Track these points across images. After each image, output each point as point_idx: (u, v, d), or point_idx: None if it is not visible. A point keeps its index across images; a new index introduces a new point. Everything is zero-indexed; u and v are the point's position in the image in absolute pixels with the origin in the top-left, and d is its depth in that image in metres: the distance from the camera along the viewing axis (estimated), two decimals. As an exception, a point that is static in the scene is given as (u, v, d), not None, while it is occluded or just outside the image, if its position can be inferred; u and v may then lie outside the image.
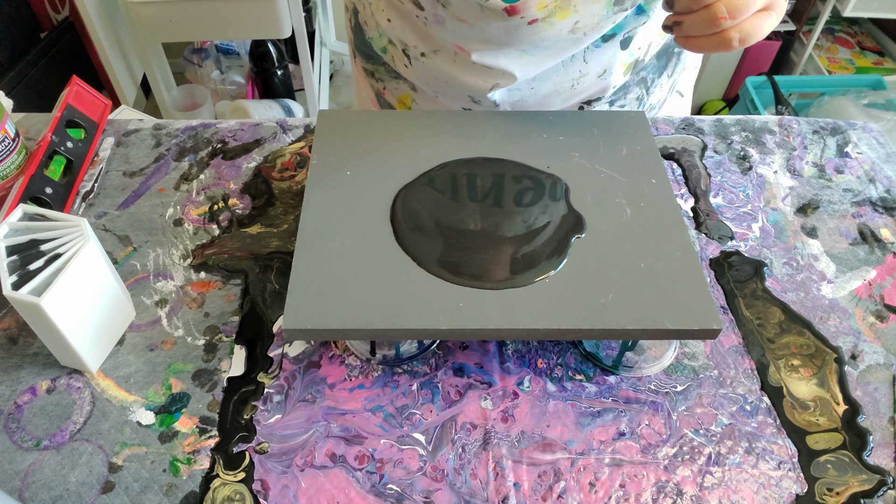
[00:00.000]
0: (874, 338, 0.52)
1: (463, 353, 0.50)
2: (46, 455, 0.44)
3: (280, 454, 0.45)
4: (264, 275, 0.55)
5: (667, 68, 0.68)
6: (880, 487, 0.44)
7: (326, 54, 2.01)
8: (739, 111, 1.75)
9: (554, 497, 0.43)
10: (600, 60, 0.61)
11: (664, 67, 0.68)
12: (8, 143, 0.58)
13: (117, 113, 1.43)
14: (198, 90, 1.70)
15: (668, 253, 0.46)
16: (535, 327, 0.42)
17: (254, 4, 1.39)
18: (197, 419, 0.46)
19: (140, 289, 0.54)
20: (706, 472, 0.44)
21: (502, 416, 0.47)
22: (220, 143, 0.66)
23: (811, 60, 1.90)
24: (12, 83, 1.45)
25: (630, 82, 0.66)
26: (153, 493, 0.43)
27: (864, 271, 0.56)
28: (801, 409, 0.48)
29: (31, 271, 0.43)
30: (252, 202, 0.61)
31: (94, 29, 1.57)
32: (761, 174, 0.64)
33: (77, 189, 0.61)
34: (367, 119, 0.56)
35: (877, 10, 1.71)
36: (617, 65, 0.61)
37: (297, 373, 0.49)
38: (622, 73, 0.63)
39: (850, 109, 1.56)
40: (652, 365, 0.49)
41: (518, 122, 0.56)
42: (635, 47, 0.61)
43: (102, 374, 0.48)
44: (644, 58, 0.64)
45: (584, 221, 0.48)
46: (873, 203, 0.62)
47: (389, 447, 0.45)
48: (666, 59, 0.67)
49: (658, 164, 0.53)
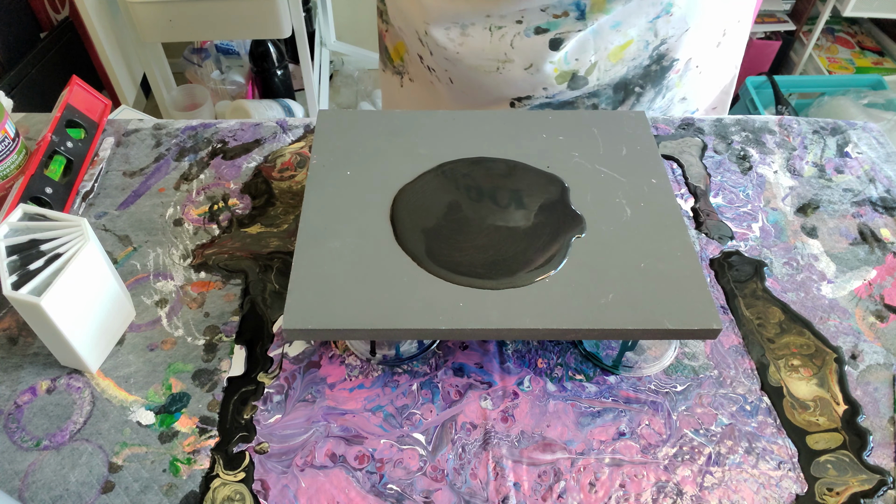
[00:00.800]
0: (874, 338, 0.52)
1: (463, 353, 0.50)
2: (46, 455, 0.44)
3: (280, 454, 0.45)
4: (264, 275, 0.55)
5: (622, 104, 0.67)
6: (880, 487, 0.44)
7: (326, 54, 2.01)
8: (739, 111, 1.75)
9: (554, 497, 0.43)
10: (527, 52, 0.60)
11: (620, 103, 0.67)
12: (8, 143, 0.58)
13: (117, 113, 1.43)
14: (198, 90, 1.70)
15: (668, 253, 0.46)
16: (535, 327, 0.42)
17: (254, 4, 1.39)
18: (197, 419, 0.46)
19: (140, 289, 0.54)
20: (706, 472, 0.44)
21: (502, 416, 0.47)
22: (220, 143, 0.66)
23: (811, 60, 1.90)
24: (12, 83, 1.45)
25: (578, 103, 0.65)
26: (153, 493, 0.43)
27: (864, 271, 0.56)
28: (801, 409, 0.48)
29: (31, 271, 0.43)
30: (252, 202, 0.61)
31: (94, 29, 1.57)
32: (761, 174, 0.65)
33: (77, 189, 0.61)
34: (367, 119, 0.56)
35: (877, 10, 1.71)
36: (545, 65, 0.61)
37: (297, 373, 0.49)
38: (554, 78, 0.62)
39: (850, 109, 1.56)
40: (652, 365, 0.49)
41: (518, 122, 0.56)
42: (571, 57, 0.61)
43: (102, 374, 0.48)
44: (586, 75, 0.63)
45: (584, 221, 0.48)
46: (873, 203, 0.62)
47: (389, 447, 0.45)
48: (623, 95, 0.66)
49: (658, 164, 0.53)
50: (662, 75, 0.65)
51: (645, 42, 0.61)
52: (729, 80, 0.74)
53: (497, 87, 0.64)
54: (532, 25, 0.58)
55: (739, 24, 0.67)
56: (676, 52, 0.64)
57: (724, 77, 0.73)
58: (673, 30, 0.61)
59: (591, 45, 0.60)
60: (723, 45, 0.67)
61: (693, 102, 0.72)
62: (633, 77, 0.64)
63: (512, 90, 0.64)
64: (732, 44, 0.69)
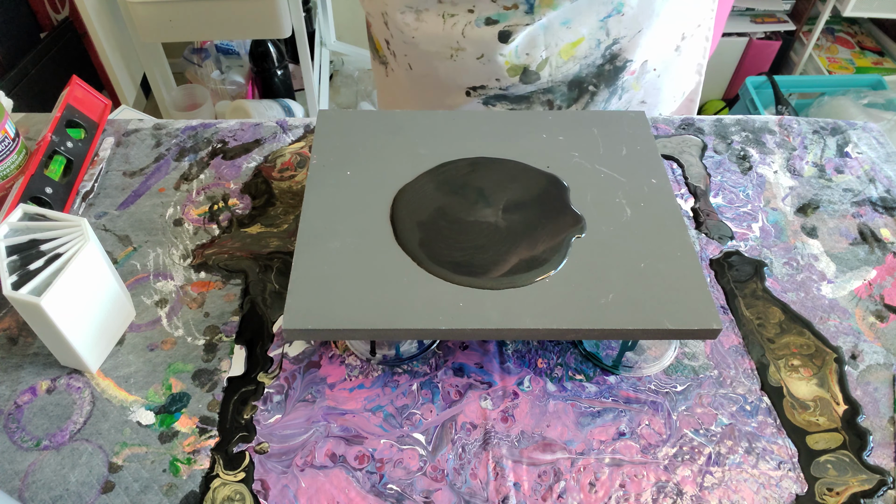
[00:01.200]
0: (874, 338, 0.52)
1: (463, 353, 0.50)
2: (46, 455, 0.44)
3: (280, 454, 0.45)
4: (264, 275, 0.55)
5: (577, 102, 0.67)
6: (880, 487, 0.44)
7: (326, 54, 2.01)
8: (739, 111, 1.75)
9: (554, 497, 0.43)
10: (478, 42, 0.61)
11: (575, 100, 0.67)
12: (8, 143, 0.58)
13: (117, 113, 1.43)
14: (198, 90, 1.70)
15: (668, 253, 0.46)
16: (535, 327, 0.42)
17: (254, 4, 1.39)
18: (197, 419, 0.46)
19: (140, 289, 0.54)
20: (706, 472, 0.44)
21: (502, 416, 0.47)
22: (220, 143, 0.66)
23: (811, 60, 1.90)
24: (12, 83, 1.45)
25: (533, 98, 0.66)
26: (153, 493, 0.43)
27: (864, 271, 0.56)
28: (801, 409, 0.48)
29: (31, 271, 0.43)
30: (252, 202, 0.61)
31: (94, 29, 1.57)
32: (761, 174, 0.65)
33: (77, 189, 0.61)
34: (367, 119, 0.56)
35: (877, 10, 1.71)
36: (496, 56, 0.61)
37: (297, 373, 0.49)
38: (505, 70, 0.62)
39: (850, 109, 1.56)
40: (652, 365, 0.49)
41: (518, 122, 0.56)
42: (522, 51, 0.61)
43: (102, 374, 0.48)
44: (537, 70, 0.63)
45: (584, 221, 0.48)
46: (873, 203, 0.62)
47: (389, 447, 0.45)
48: (578, 93, 0.66)
49: (658, 164, 0.53)
50: (616, 75, 0.66)
51: (597, 41, 0.62)
52: (693, 86, 0.74)
53: (451, 75, 0.65)
54: (483, 15, 0.58)
55: (699, 29, 0.68)
56: (631, 54, 0.64)
57: (687, 84, 0.73)
58: (625, 30, 0.62)
59: (541, 41, 0.61)
60: (682, 50, 0.68)
61: (654, 108, 0.72)
62: (587, 75, 0.65)
63: (466, 79, 0.65)
64: (693, 49, 0.69)
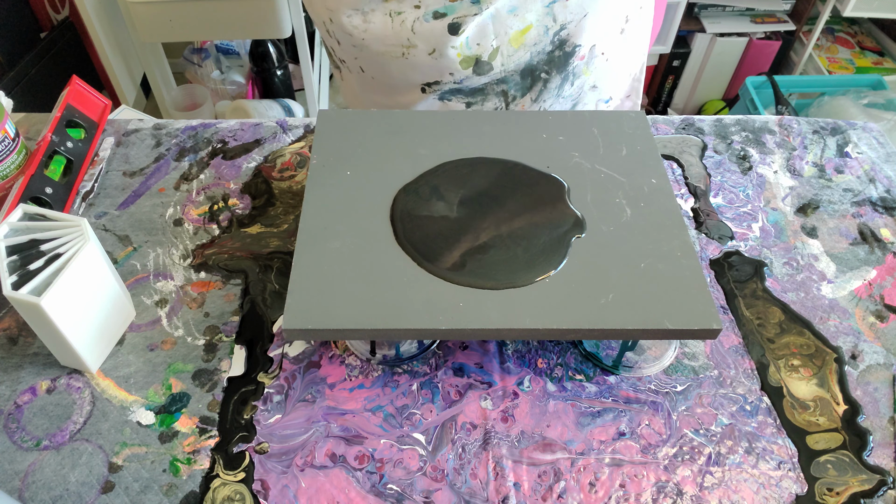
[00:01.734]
0: (874, 338, 0.52)
1: (463, 353, 0.50)
2: (46, 455, 0.44)
3: (280, 454, 0.45)
4: (264, 275, 0.55)
5: (530, 91, 0.67)
6: (880, 487, 0.44)
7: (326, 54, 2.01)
8: (739, 111, 1.75)
9: (554, 497, 0.43)
10: (428, 37, 0.61)
11: (528, 89, 0.67)
12: (8, 143, 0.58)
13: (117, 113, 1.43)
14: (198, 90, 1.70)
15: (668, 253, 0.46)
16: (535, 327, 0.42)
17: (254, 4, 1.39)
18: (197, 419, 0.46)
19: (140, 289, 0.54)
20: (706, 472, 0.44)
21: (502, 416, 0.47)
22: (220, 143, 0.66)
23: (811, 60, 1.90)
24: (12, 83, 1.45)
25: (488, 89, 0.66)
26: (153, 493, 0.43)
27: (864, 271, 0.56)
28: (801, 409, 0.48)
29: (31, 271, 0.43)
30: (252, 202, 0.61)
31: (94, 29, 1.57)
32: (761, 174, 0.65)
33: (77, 189, 0.61)
34: (367, 119, 0.56)
35: (877, 10, 1.71)
36: (448, 49, 0.61)
37: (297, 373, 0.49)
38: (458, 63, 0.63)
39: (850, 109, 1.56)
40: (652, 365, 0.49)
41: (518, 123, 0.56)
42: (473, 42, 0.61)
43: (102, 374, 0.48)
44: (489, 60, 0.63)
45: (584, 221, 0.48)
46: (873, 203, 0.62)
47: (389, 447, 0.45)
48: (531, 81, 0.67)
49: (658, 164, 0.53)
50: (566, 61, 0.66)
51: (545, 27, 0.62)
52: (638, 67, 0.75)
53: (405, 73, 0.65)
54: (430, 10, 0.59)
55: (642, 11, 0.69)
56: (578, 38, 0.65)
57: (633, 65, 0.74)
58: (571, 15, 0.62)
59: (490, 30, 0.61)
60: (627, 33, 0.69)
61: (605, 91, 0.72)
62: (538, 63, 0.65)
63: (420, 76, 0.65)
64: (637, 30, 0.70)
